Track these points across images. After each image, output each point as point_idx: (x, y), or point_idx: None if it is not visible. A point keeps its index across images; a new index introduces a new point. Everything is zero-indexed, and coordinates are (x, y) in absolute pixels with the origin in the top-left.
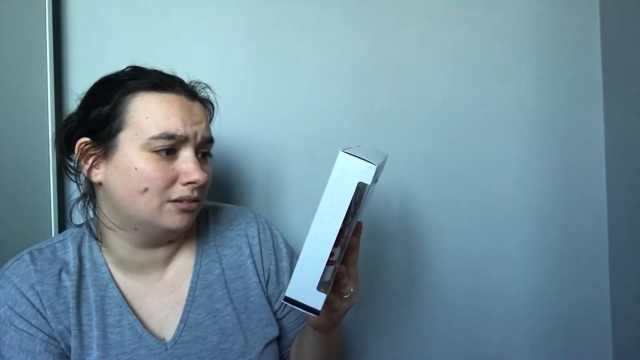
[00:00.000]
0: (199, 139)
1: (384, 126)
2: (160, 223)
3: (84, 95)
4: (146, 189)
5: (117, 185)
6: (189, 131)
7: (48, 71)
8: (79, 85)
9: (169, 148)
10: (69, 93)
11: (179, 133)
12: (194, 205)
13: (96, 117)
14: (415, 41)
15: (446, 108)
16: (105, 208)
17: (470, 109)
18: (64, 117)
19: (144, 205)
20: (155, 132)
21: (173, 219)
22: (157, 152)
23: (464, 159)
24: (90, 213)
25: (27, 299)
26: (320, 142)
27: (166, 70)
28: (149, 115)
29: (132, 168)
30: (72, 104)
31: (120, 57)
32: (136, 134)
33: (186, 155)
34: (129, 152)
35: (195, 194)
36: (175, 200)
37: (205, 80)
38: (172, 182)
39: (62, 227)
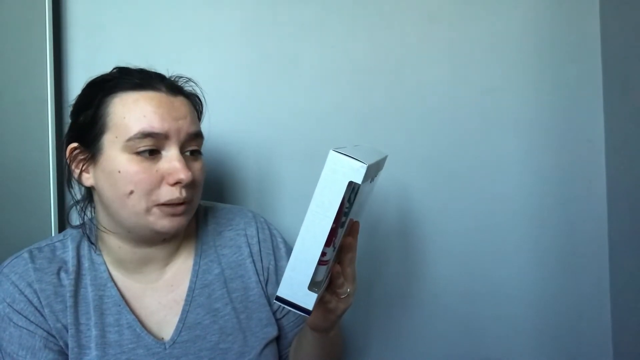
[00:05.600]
0: (182, 135)
1: (383, 126)
2: (149, 226)
3: (73, 101)
4: (132, 192)
5: (105, 189)
6: (168, 127)
7: (48, 72)
8: (78, 86)
9: (152, 148)
10: (69, 94)
11: (156, 130)
12: (181, 208)
13: (82, 122)
14: (415, 41)
15: (445, 108)
16: (100, 212)
17: (469, 109)
18: (64, 119)
19: (132, 208)
20: (131, 132)
21: (162, 223)
22: (139, 153)
23: (463, 159)
24: (88, 214)
25: (25, 296)
26: (319, 142)
27: (163, 71)
28: (126, 115)
29: (115, 171)
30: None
31: (120, 58)
32: (116, 136)
33: (170, 155)
34: (112, 154)
35: (184, 194)
36: (164, 204)
37: (204, 80)
38: (159, 183)
39: (62, 227)
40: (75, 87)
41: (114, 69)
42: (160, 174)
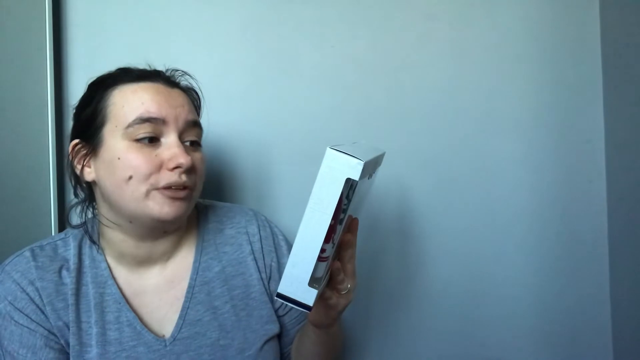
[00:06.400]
0: (181, 122)
1: (382, 126)
2: (149, 212)
3: (76, 103)
4: (130, 177)
5: (105, 179)
6: (165, 113)
7: (48, 72)
8: (79, 86)
9: (151, 136)
10: (69, 94)
11: (154, 115)
12: (182, 192)
13: (84, 118)
14: (415, 41)
15: (445, 108)
16: (102, 206)
17: (469, 109)
18: (65, 120)
19: (131, 194)
20: (130, 119)
21: (161, 207)
22: (139, 140)
23: (463, 158)
24: (89, 214)
25: (27, 294)
26: (319, 141)
27: (161, 68)
28: (125, 104)
29: (115, 159)
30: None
31: (120, 58)
32: (116, 125)
33: (169, 141)
34: (112, 144)
35: (184, 178)
36: (165, 188)
37: (204, 79)
38: (158, 168)
39: (62, 226)
40: (75, 88)
41: (116, 69)
42: (160, 159)
